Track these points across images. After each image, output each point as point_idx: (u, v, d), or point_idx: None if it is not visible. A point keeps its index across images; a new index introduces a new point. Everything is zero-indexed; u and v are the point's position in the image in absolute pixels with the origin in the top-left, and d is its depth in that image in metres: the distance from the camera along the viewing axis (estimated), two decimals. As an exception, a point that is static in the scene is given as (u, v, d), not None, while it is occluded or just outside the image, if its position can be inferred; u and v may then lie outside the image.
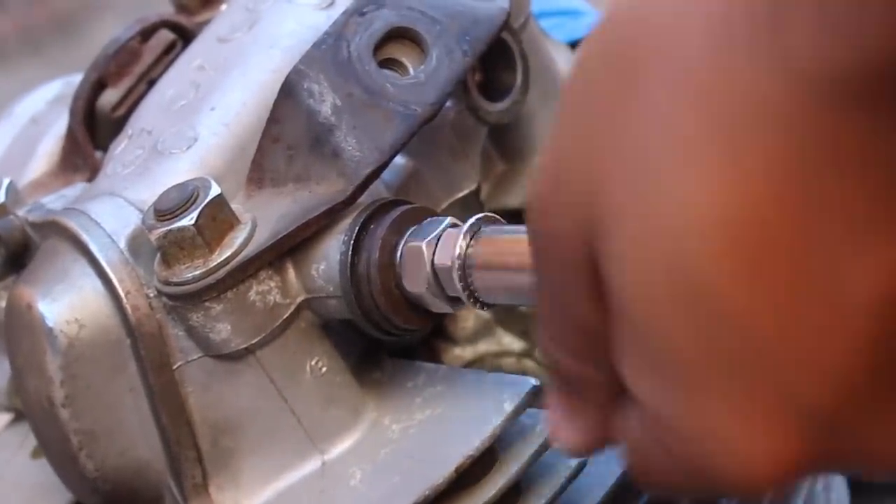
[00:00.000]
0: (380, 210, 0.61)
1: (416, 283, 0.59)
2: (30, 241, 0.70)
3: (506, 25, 0.67)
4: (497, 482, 0.62)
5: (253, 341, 0.62)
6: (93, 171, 0.73)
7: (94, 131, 0.75)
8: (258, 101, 0.66)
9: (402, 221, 0.61)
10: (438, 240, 0.59)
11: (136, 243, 0.63)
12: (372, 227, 0.61)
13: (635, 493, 0.66)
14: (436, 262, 0.59)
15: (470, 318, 0.74)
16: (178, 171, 0.65)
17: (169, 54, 0.75)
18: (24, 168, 0.77)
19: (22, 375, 0.66)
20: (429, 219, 0.61)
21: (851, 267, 0.38)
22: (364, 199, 0.63)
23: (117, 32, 0.75)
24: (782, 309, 0.38)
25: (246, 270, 0.61)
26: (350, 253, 0.60)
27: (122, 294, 0.63)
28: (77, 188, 0.72)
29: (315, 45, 0.64)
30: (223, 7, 0.75)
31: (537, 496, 0.62)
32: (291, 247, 0.62)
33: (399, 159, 0.68)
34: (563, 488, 0.62)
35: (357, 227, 0.61)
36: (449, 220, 0.60)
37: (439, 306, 0.60)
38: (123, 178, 0.67)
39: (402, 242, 0.60)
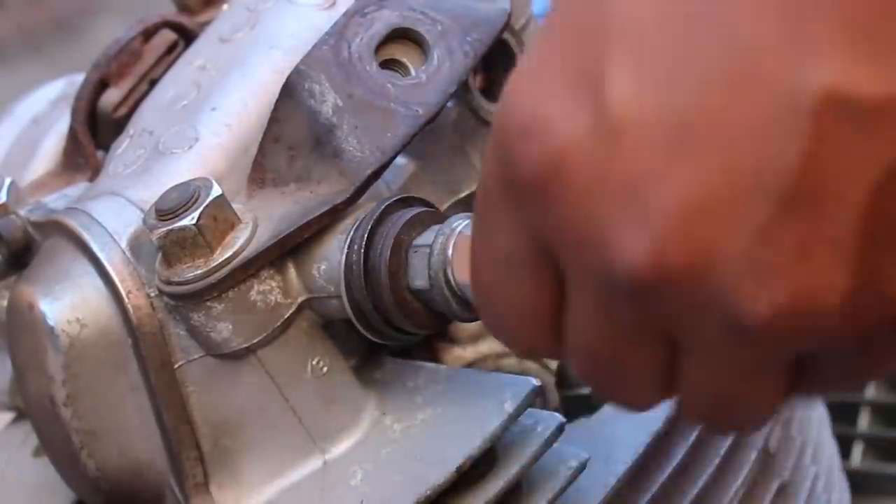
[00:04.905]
0: (391, 209, 0.61)
1: (423, 279, 0.59)
2: (31, 240, 0.70)
3: (507, 26, 0.67)
4: (498, 482, 0.61)
5: (254, 341, 0.62)
6: (94, 171, 0.73)
7: (95, 131, 0.75)
8: (259, 102, 0.67)
9: (415, 222, 0.61)
10: (449, 240, 0.59)
11: (138, 243, 0.64)
12: (382, 227, 0.61)
13: (637, 493, 0.66)
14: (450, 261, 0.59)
15: (471, 318, 0.74)
16: (179, 171, 0.65)
17: (171, 54, 0.75)
18: (25, 168, 0.77)
19: (23, 375, 0.66)
20: (438, 223, 0.60)
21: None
22: (365, 199, 0.63)
23: (119, 32, 0.75)
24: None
25: (247, 270, 0.61)
26: (361, 251, 0.60)
27: (123, 293, 0.63)
28: (79, 188, 0.73)
29: (316, 46, 0.64)
30: (225, 7, 0.75)
31: (538, 496, 0.62)
32: (293, 247, 0.62)
33: (400, 160, 0.68)
34: (564, 488, 0.62)
35: (371, 223, 0.60)
36: (464, 223, 0.59)
37: (450, 308, 0.59)
38: (125, 177, 0.67)
39: (412, 241, 0.60)
